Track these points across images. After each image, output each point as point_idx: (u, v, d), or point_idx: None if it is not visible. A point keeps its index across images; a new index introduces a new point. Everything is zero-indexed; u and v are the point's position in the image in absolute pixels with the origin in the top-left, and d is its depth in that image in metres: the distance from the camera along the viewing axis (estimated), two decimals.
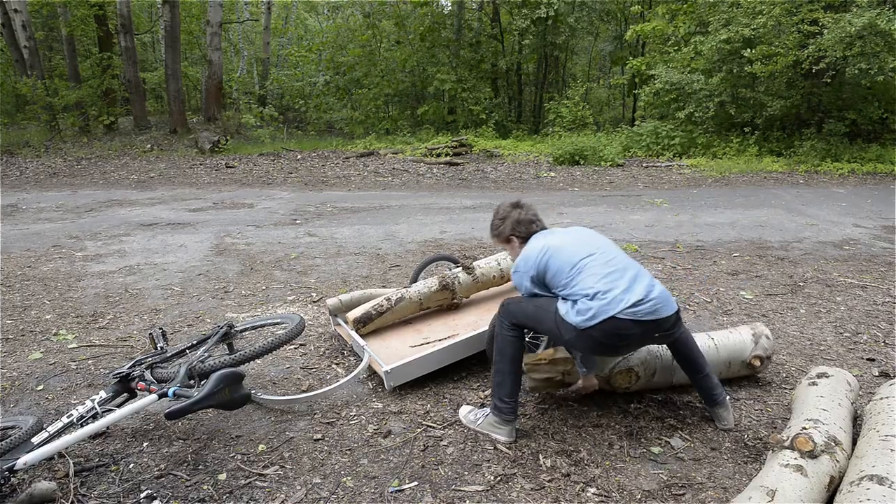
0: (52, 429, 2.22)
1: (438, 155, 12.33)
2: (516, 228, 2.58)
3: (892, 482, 1.75)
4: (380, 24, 17.90)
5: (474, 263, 3.56)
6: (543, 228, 2.60)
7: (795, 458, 1.94)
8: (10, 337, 3.56)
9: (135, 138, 14.37)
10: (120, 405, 2.47)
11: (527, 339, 2.61)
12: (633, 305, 2.20)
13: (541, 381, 2.65)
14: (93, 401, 2.38)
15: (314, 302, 4.16)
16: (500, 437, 2.44)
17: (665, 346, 2.57)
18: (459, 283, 3.43)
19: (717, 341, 2.90)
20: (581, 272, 2.30)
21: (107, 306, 4.09)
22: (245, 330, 3.10)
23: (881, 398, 2.32)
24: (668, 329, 2.32)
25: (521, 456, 2.35)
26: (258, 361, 3.12)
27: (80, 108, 15.13)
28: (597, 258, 2.34)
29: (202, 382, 2.37)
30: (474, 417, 2.54)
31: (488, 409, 2.51)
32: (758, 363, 2.86)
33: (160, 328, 2.84)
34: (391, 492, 2.14)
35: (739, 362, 2.88)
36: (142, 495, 2.12)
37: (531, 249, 2.45)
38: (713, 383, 2.52)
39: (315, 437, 2.49)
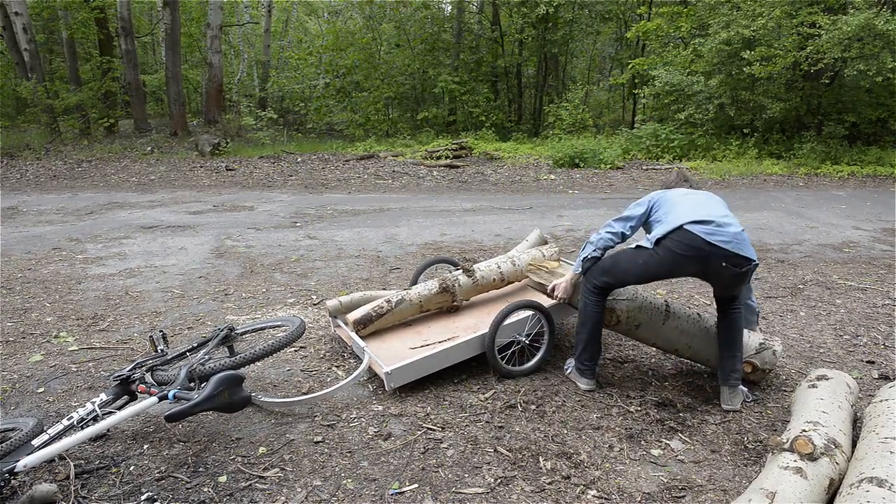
0: (52, 431, 2.22)
1: (438, 158, 12.34)
2: (666, 185, 3.11)
3: (892, 484, 1.76)
4: (380, 27, 17.92)
5: (474, 266, 3.57)
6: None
7: (795, 461, 1.94)
8: (11, 339, 3.56)
9: (135, 141, 14.37)
10: (120, 407, 2.47)
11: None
12: (703, 223, 2.52)
13: (533, 283, 3.30)
14: (93, 403, 2.38)
15: (314, 304, 4.17)
16: (581, 385, 2.92)
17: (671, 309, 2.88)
18: (459, 285, 3.44)
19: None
20: (672, 209, 2.68)
21: (107, 309, 4.09)
22: (245, 332, 3.10)
23: (881, 400, 2.32)
24: (737, 267, 2.53)
25: (521, 458, 2.36)
26: (258, 364, 3.12)
27: (81, 111, 15.14)
28: (691, 199, 2.70)
29: (202, 385, 2.37)
30: (567, 366, 3.06)
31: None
32: (748, 368, 2.86)
33: (160, 331, 2.84)
34: (391, 494, 2.14)
35: None
36: (142, 497, 2.12)
37: (659, 192, 2.93)
38: (737, 367, 2.74)
39: (315, 440, 2.49)
